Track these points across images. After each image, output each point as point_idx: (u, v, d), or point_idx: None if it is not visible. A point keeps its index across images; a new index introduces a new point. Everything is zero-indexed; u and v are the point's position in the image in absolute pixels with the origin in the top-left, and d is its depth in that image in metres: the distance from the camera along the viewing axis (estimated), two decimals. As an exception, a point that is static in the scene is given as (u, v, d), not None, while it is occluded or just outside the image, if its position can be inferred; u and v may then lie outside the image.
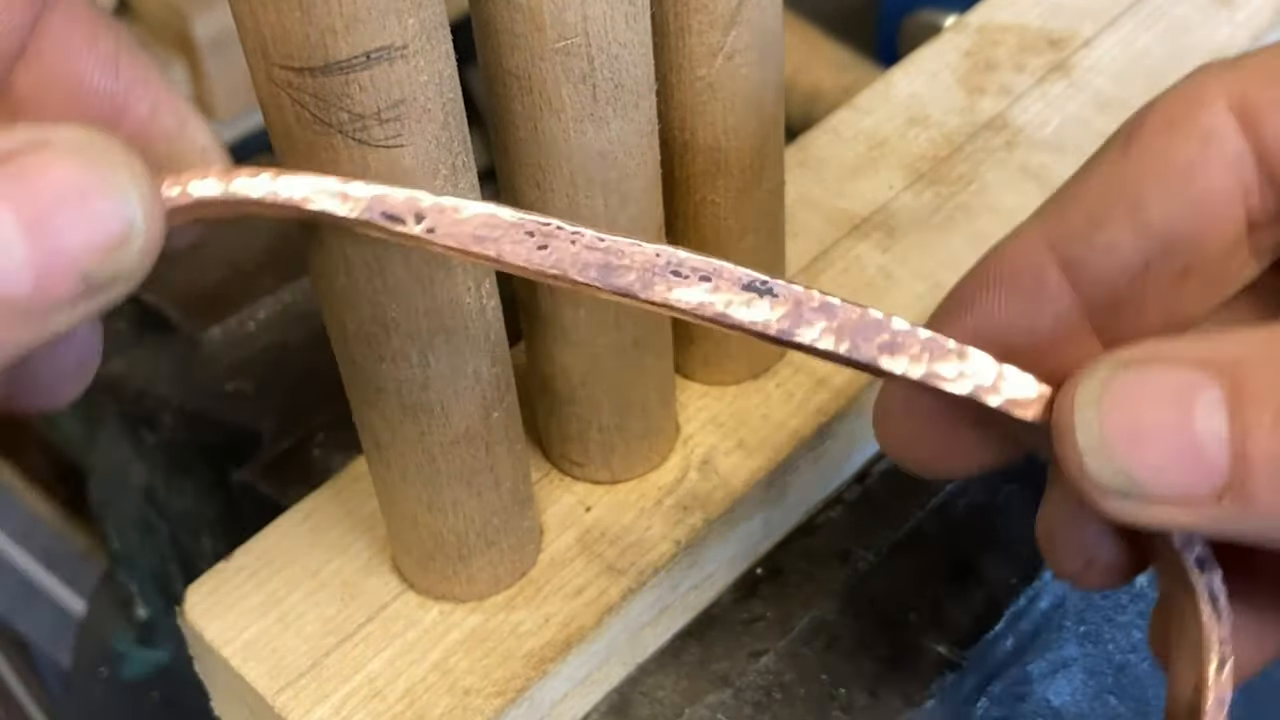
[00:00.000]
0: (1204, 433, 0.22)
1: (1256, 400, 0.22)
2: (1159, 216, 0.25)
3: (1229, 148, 0.25)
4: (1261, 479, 0.22)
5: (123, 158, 0.21)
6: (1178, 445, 0.22)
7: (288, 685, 0.31)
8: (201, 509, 0.49)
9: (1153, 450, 0.22)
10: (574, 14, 0.26)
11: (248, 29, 0.23)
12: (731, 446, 0.35)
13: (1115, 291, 0.26)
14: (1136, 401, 0.23)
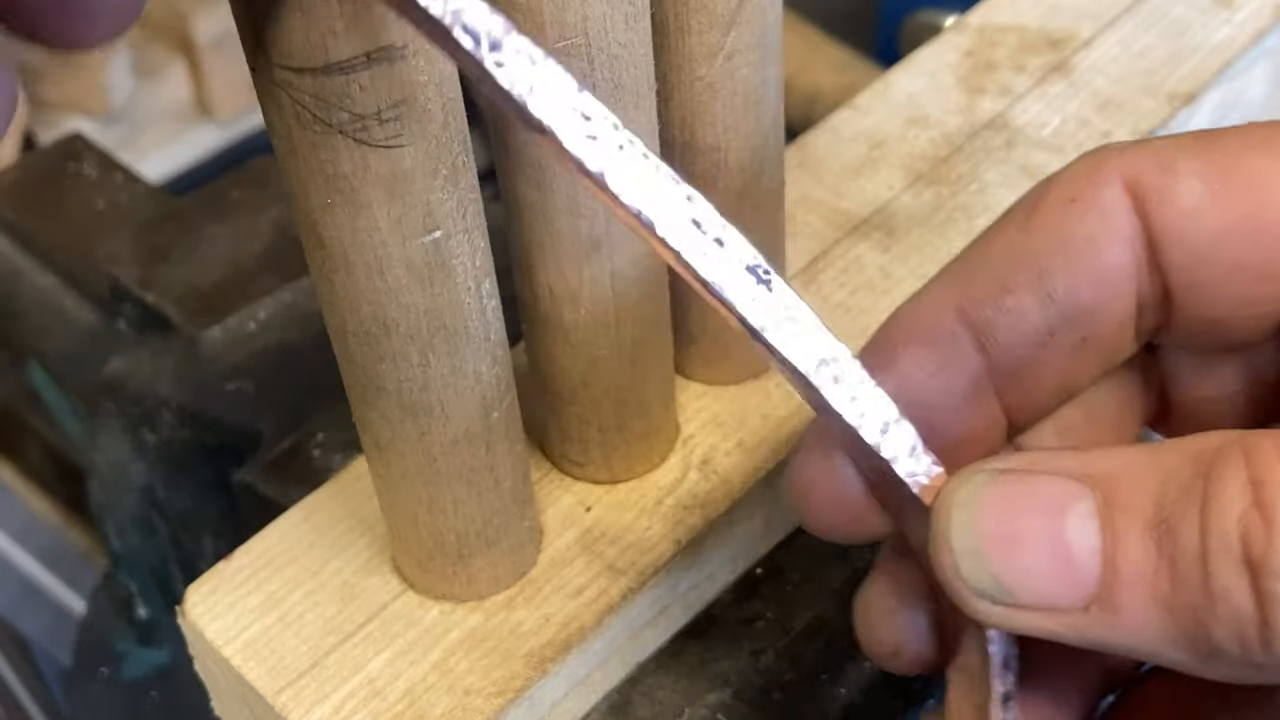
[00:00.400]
0: (1075, 542, 0.22)
1: (1127, 512, 0.22)
2: (1063, 287, 0.26)
3: (1126, 226, 0.25)
4: (1129, 590, 0.22)
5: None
6: (1049, 553, 0.22)
7: (288, 685, 0.31)
8: (201, 509, 0.49)
9: (1024, 557, 0.23)
10: (574, 14, 0.26)
11: (248, 29, 0.23)
12: (731, 446, 0.35)
13: (1019, 357, 0.26)
14: (1012, 508, 0.23)
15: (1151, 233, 0.25)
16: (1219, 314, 0.26)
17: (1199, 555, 0.21)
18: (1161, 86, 0.43)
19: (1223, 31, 0.45)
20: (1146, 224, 0.25)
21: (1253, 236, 0.25)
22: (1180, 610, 0.22)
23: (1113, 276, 0.26)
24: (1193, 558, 0.21)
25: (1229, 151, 0.25)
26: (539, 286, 0.31)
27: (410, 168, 0.25)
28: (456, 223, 0.26)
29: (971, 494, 0.23)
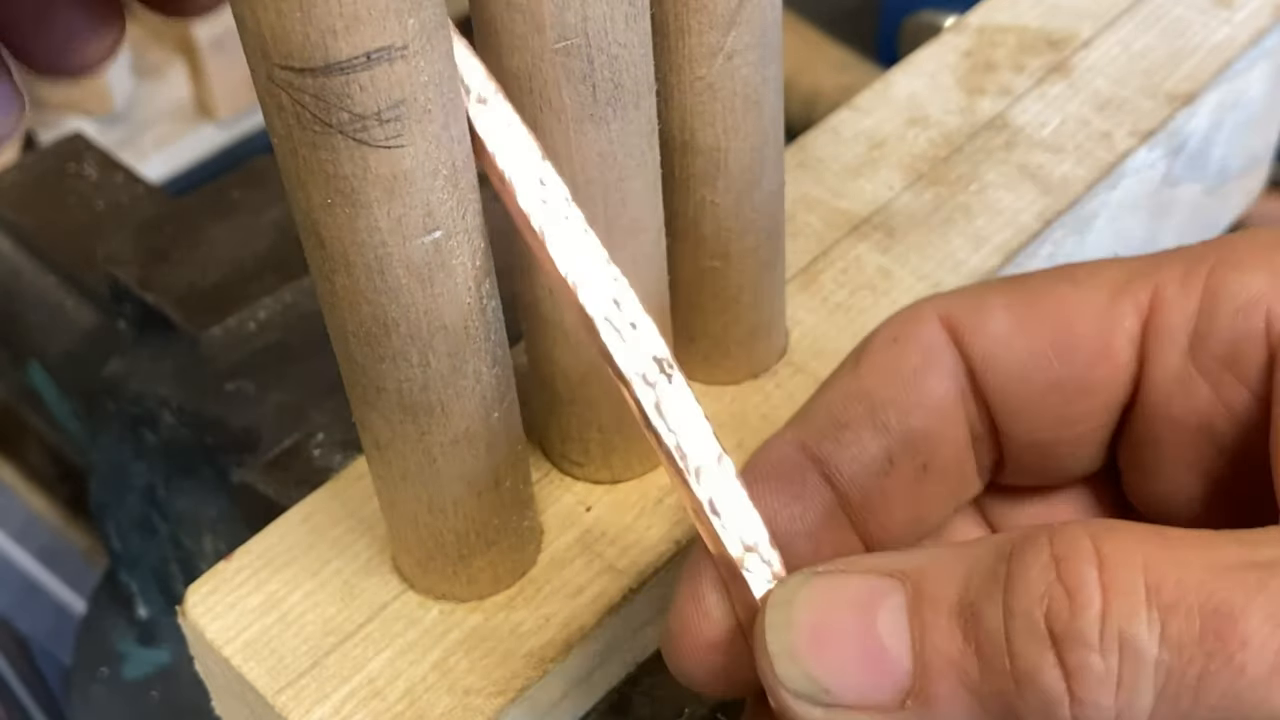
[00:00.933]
0: (886, 636, 0.22)
1: (934, 603, 0.22)
2: (894, 416, 0.27)
3: (946, 359, 0.27)
4: (939, 681, 0.22)
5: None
6: (861, 648, 0.22)
7: (288, 685, 0.31)
8: (202, 509, 0.49)
9: (838, 653, 0.23)
10: (574, 15, 0.26)
11: (248, 29, 0.23)
12: (731, 446, 0.35)
13: (864, 487, 0.27)
14: (823, 607, 0.23)
15: (970, 363, 0.27)
16: (1044, 436, 0.27)
17: (1003, 637, 0.21)
18: (1161, 87, 0.43)
19: (1222, 32, 0.45)
20: (965, 355, 0.27)
21: (1061, 355, 0.26)
22: (990, 697, 0.22)
23: (940, 404, 0.27)
24: (997, 640, 0.21)
25: (1034, 286, 0.27)
26: (539, 287, 0.31)
27: (410, 168, 0.25)
28: (456, 223, 0.26)
29: (787, 595, 0.24)
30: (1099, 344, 0.26)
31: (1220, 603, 0.20)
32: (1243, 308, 0.25)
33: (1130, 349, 0.26)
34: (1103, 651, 0.21)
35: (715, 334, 0.36)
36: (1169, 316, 0.26)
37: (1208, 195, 0.48)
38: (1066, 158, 0.42)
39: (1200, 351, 0.26)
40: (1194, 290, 0.26)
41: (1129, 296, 0.26)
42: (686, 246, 0.34)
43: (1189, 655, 0.20)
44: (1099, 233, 0.43)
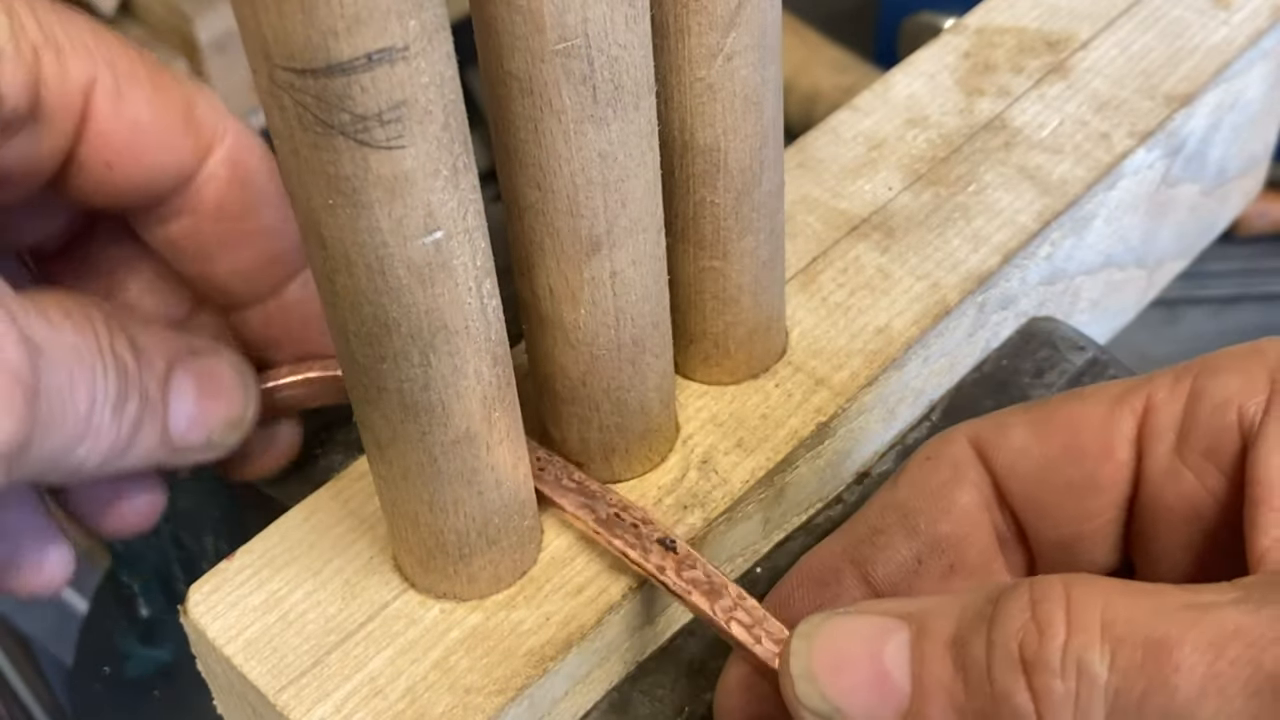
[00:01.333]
0: (891, 664, 0.26)
1: (933, 638, 0.26)
2: (924, 524, 0.31)
3: (972, 472, 0.31)
4: (932, 702, 0.26)
5: (252, 379, 0.35)
6: (870, 674, 0.26)
7: (289, 684, 0.31)
8: (203, 508, 0.49)
9: (849, 678, 0.27)
10: (574, 16, 0.26)
11: (250, 30, 0.23)
12: (731, 446, 0.36)
13: (896, 585, 0.31)
14: (839, 638, 0.27)
15: (994, 474, 0.31)
16: (1064, 532, 0.31)
17: (985, 665, 0.25)
18: (1160, 88, 0.44)
19: (1220, 33, 0.45)
20: (990, 468, 0.31)
21: (1071, 459, 0.30)
22: (973, 716, 0.25)
23: (966, 512, 0.31)
24: (980, 668, 0.25)
25: (1049, 404, 0.31)
26: (539, 286, 0.31)
27: (411, 168, 0.25)
28: (457, 223, 0.26)
29: (810, 630, 0.28)
30: (1103, 446, 0.30)
31: (1161, 636, 0.24)
32: (1219, 406, 0.29)
33: (1129, 449, 0.30)
34: (1063, 676, 0.24)
35: (715, 334, 0.36)
36: (1159, 418, 0.30)
37: (1206, 196, 0.48)
38: (1065, 158, 0.42)
39: (1185, 446, 0.29)
40: (1180, 395, 0.30)
41: (1127, 405, 0.30)
42: (686, 246, 0.35)
43: (1133, 680, 0.24)
44: (1097, 233, 0.43)
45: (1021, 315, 0.42)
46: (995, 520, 0.32)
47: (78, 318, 0.31)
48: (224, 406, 0.34)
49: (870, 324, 0.38)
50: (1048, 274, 0.41)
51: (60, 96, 0.32)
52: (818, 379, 0.37)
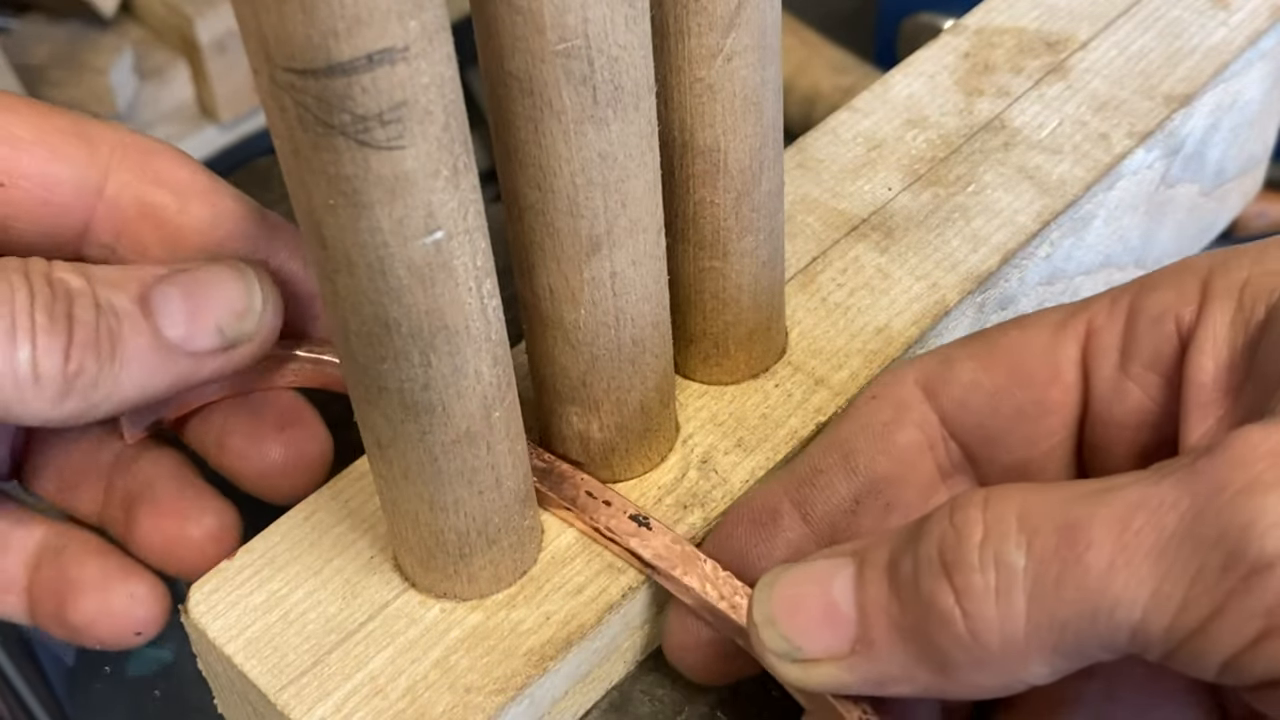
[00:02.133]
0: (839, 597, 0.28)
1: (872, 566, 0.28)
2: (863, 462, 0.32)
3: (916, 413, 0.32)
4: (875, 625, 0.27)
5: (256, 272, 0.34)
6: (820, 609, 0.28)
7: (290, 683, 0.31)
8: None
9: (804, 617, 0.28)
10: (574, 17, 0.26)
11: (250, 31, 0.23)
12: (731, 445, 0.36)
13: (834, 525, 0.32)
14: (794, 583, 0.29)
15: (942, 410, 0.32)
16: (1018, 457, 0.32)
17: (914, 577, 0.27)
18: (1159, 88, 0.44)
19: (1219, 33, 0.45)
20: (936, 405, 0.32)
21: (1021, 385, 0.31)
22: (911, 630, 0.27)
23: (906, 451, 0.32)
24: (910, 581, 0.27)
25: (990, 336, 0.32)
26: (539, 286, 0.31)
27: (412, 169, 0.25)
28: (458, 224, 0.26)
29: (770, 579, 0.29)
30: (1049, 370, 0.31)
31: (1072, 520, 0.25)
32: (1156, 318, 0.30)
33: (1074, 370, 0.31)
34: (982, 571, 0.26)
35: (715, 334, 0.36)
36: (1102, 338, 0.31)
37: (1205, 196, 0.48)
38: (1064, 158, 0.42)
39: (1128, 361, 0.30)
40: (1120, 314, 0.31)
41: (1069, 329, 0.31)
42: (686, 246, 0.35)
43: (1048, 564, 0.25)
44: (1096, 233, 0.43)
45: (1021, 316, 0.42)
46: (939, 457, 0.32)
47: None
48: (222, 298, 0.33)
49: (870, 324, 0.38)
50: (1047, 274, 0.42)
51: None
52: (817, 379, 0.37)
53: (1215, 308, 0.29)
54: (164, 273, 0.33)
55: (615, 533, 0.33)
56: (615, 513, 0.33)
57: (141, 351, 0.32)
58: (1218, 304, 0.29)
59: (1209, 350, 0.29)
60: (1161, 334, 0.30)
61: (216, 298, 0.33)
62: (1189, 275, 0.30)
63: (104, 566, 0.36)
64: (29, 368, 0.31)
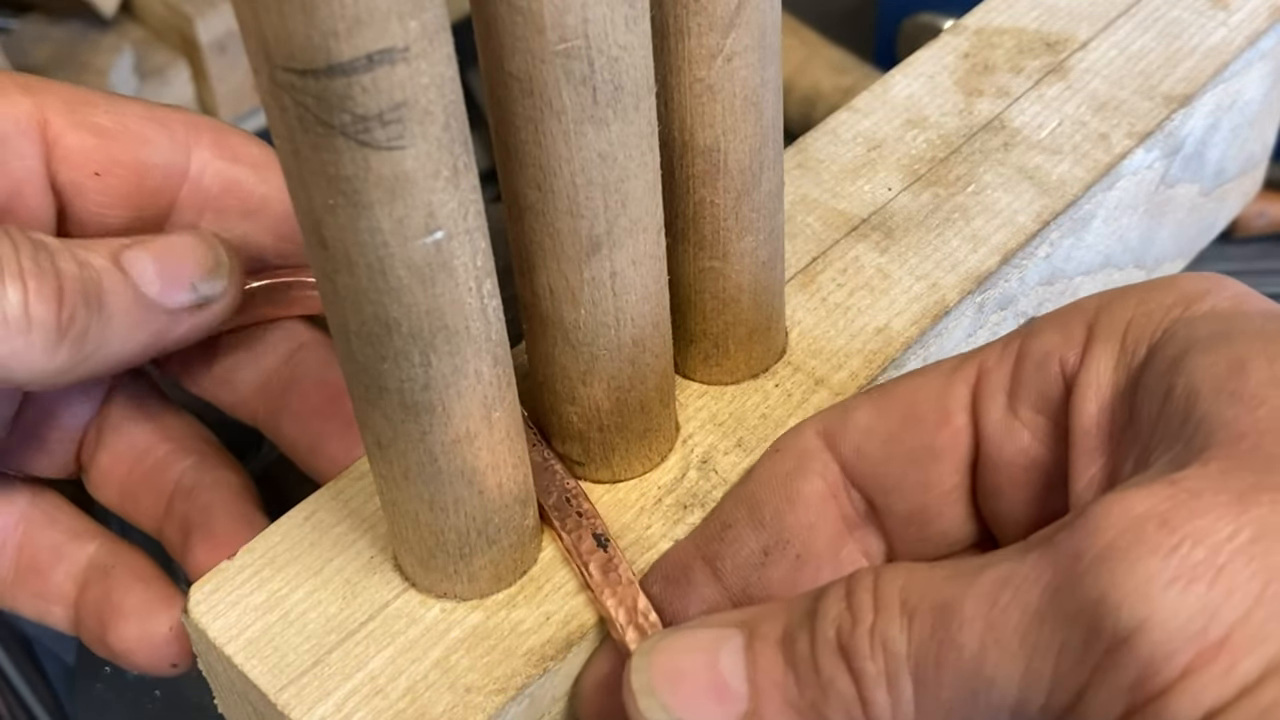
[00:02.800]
0: (727, 671, 0.27)
1: (765, 640, 0.27)
2: (769, 514, 0.32)
3: (818, 462, 0.32)
4: (768, 701, 0.27)
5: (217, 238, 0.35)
6: (706, 682, 0.27)
7: (290, 683, 0.32)
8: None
9: (686, 687, 0.28)
10: (574, 17, 0.26)
11: (250, 31, 0.23)
12: (731, 445, 0.36)
13: (745, 578, 0.32)
14: (677, 651, 0.28)
15: (842, 459, 0.32)
16: (913, 504, 0.31)
17: (811, 656, 0.26)
18: (1158, 88, 0.44)
19: (1219, 34, 0.45)
20: (837, 453, 0.32)
21: (912, 429, 0.31)
22: (806, 708, 0.26)
23: (811, 501, 0.32)
24: (807, 659, 0.26)
25: (889, 385, 0.32)
26: (539, 286, 0.31)
27: (412, 169, 0.25)
28: (458, 224, 0.26)
29: (649, 646, 0.29)
30: (939, 413, 0.31)
31: (945, 599, 0.25)
32: (1041, 360, 0.30)
33: (964, 414, 0.31)
34: (873, 657, 0.26)
35: (715, 334, 0.36)
36: (990, 380, 0.31)
37: (1205, 196, 0.48)
38: (1064, 159, 0.42)
39: (1016, 403, 0.30)
40: (1010, 357, 0.30)
41: (960, 373, 0.31)
42: (686, 246, 0.35)
43: (926, 647, 0.25)
44: (1096, 233, 0.43)
45: (1020, 315, 0.42)
46: (844, 506, 0.32)
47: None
48: (190, 259, 0.34)
49: (869, 324, 0.38)
50: (1046, 274, 0.42)
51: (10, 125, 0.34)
52: (817, 379, 0.37)
53: (1098, 350, 0.29)
54: (129, 241, 0.34)
55: (574, 546, 0.33)
56: (584, 525, 0.33)
57: (125, 305, 0.33)
58: (1101, 346, 0.29)
59: (1092, 394, 0.29)
60: (1047, 377, 0.30)
61: (185, 258, 0.34)
62: (1076, 316, 0.30)
63: (147, 594, 0.37)
64: (21, 310, 0.31)
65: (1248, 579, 0.23)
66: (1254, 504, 0.23)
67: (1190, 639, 0.23)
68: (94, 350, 0.32)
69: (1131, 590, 0.23)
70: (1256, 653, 0.22)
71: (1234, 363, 0.26)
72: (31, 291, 0.31)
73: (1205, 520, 0.23)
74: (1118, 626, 0.23)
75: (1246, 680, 0.22)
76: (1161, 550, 0.23)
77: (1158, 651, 0.23)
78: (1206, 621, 0.23)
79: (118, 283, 0.33)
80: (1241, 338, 0.26)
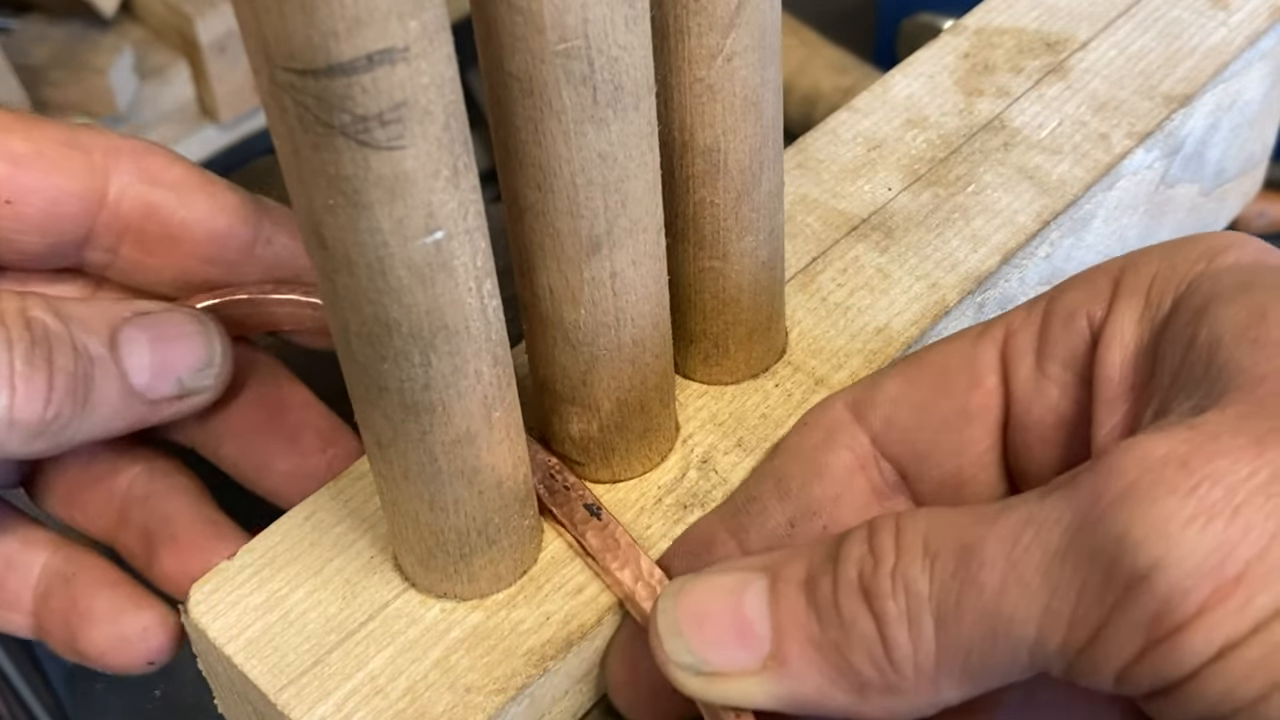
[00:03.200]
0: (751, 612, 0.27)
1: (788, 582, 0.28)
2: (796, 486, 0.32)
3: (845, 435, 0.32)
4: (791, 640, 0.27)
5: (215, 326, 0.36)
6: (731, 623, 0.28)
7: (290, 683, 0.32)
8: (204, 508, 0.49)
9: (711, 630, 0.28)
10: (574, 17, 0.26)
11: (250, 31, 0.23)
12: (731, 445, 0.36)
13: (771, 549, 0.31)
14: (702, 594, 0.28)
15: (872, 430, 0.32)
16: (947, 468, 0.31)
17: (833, 597, 0.27)
18: (1158, 88, 0.44)
19: (1219, 34, 0.45)
20: (866, 425, 0.32)
21: (943, 394, 0.31)
22: (828, 648, 0.27)
23: (838, 473, 0.32)
24: (829, 600, 0.27)
25: (915, 355, 0.32)
26: (539, 287, 0.31)
27: (412, 169, 0.25)
28: (458, 224, 0.26)
29: (675, 589, 0.29)
30: (969, 377, 0.31)
31: (968, 541, 0.25)
32: (1068, 316, 0.30)
33: (994, 375, 0.31)
34: (894, 596, 0.26)
35: (715, 334, 0.36)
36: (1018, 341, 0.31)
37: (1204, 196, 0.48)
38: (1064, 159, 0.42)
39: (1044, 360, 0.30)
40: (1036, 317, 0.31)
41: (988, 336, 0.31)
42: (686, 246, 0.35)
43: (949, 587, 0.25)
44: (1096, 233, 0.43)
45: (1020, 315, 0.42)
46: (873, 478, 0.32)
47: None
48: (186, 351, 0.35)
49: (869, 324, 0.38)
50: (1047, 274, 0.42)
51: None
52: (817, 379, 0.37)
53: (1124, 304, 0.29)
54: (128, 314, 0.34)
55: (568, 520, 0.33)
56: (572, 498, 0.33)
57: (110, 397, 0.33)
58: (1126, 300, 0.29)
59: (1116, 346, 0.29)
60: (1074, 332, 0.30)
61: (180, 350, 0.35)
62: (1101, 274, 0.30)
63: (114, 598, 0.37)
64: (5, 413, 0.31)
65: (1264, 518, 0.23)
66: (1271, 446, 0.24)
67: (1207, 575, 0.23)
68: (70, 438, 0.33)
69: (1150, 529, 0.23)
70: (1271, 589, 0.23)
71: (1255, 311, 0.26)
72: (19, 395, 0.31)
73: (1223, 462, 0.24)
74: (1136, 564, 0.23)
75: (1261, 615, 0.23)
76: (1180, 490, 0.24)
77: (1175, 588, 0.23)
78: (1223, 558, 0.23)
79: (109, 374, 0.33)
80: (1263, 288, 0.27)
